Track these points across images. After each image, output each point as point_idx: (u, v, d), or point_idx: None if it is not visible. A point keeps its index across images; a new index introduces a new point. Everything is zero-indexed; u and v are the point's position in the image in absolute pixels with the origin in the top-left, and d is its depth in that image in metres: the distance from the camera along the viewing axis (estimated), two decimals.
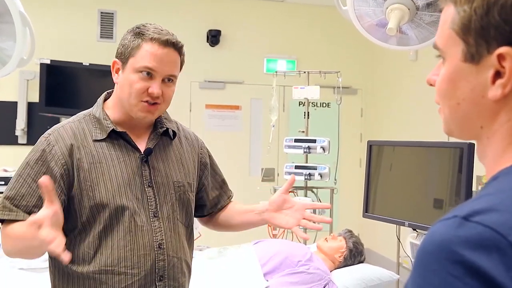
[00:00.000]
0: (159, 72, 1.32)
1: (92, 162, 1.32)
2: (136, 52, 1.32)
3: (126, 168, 1.35)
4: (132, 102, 1.33)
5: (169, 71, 1.34)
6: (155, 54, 1.31)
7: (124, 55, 1.34)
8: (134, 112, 1.35)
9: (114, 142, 1.36)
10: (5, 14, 2.17)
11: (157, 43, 1.32)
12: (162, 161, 1.42)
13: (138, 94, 1.32)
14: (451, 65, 0.66)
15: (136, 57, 1.32)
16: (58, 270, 1.36)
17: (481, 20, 0.61)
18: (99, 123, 1.37)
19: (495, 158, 0.65)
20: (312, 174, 3.43)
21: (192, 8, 5.16)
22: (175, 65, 1.36)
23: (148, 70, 1.31)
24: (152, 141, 1.41)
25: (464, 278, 0.51)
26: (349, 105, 5.32)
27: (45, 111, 4.48)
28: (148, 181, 1.37)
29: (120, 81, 1.36)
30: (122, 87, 1.35)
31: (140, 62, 1.31)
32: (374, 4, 2.12)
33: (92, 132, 1.36)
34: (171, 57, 1.34)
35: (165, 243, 1.36)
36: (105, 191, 1.31)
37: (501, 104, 0.63)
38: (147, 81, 1.32)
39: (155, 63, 1.31)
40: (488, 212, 0.54)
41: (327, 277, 2.54)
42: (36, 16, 2.70)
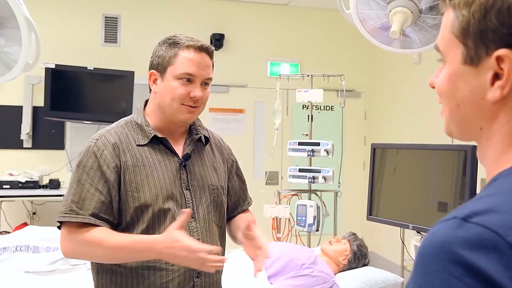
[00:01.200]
0: (198, 77, 1.42)
1: (137, 165, 1.41)
2: (174, 60, 1.41)
3: (167, 172, 1.43)
4: (174, 107, 1.42)
5: (206, 75, 1.44)
6: (193, 60, 1.41)
7: (162, 65, 1.43)
8: (176, 116, 1.43)
9: (155, 147, 1.45)
10: (11, 19, 2.19)
11: (193, 50, 1.42)
12: (198, 165, 1.50)
13: (180, 99, 1.41)
14: (451, 67, 0.68)
15: (176, 65, 1.41)
16: (101, 267, 1.43)
17: (479, 24, 0.63)
18: (141, 129, 1.46)
19: (495, 160, 0.66)
20: (316, 177, 3.43)
21: (196, 12, 5.17)
22: (210, 69, 1.46)
23: (189, 76, 1.41)
24: (188, 146, 1.50)
25: (464, 278, 0.52)
26: (353, 108, 5.32)
27: (50, 115, 4.50)
28: (186, 184, 1.45)
29: (160, 89, 1.44)
30: (163, 94, 1.43)
31: (180, 69, 1.41)
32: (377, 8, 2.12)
33: (134, 137, 1.45)
34: (206, 61, 1.44)
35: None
36: (149, 193, 1.39)
37: (500, 105, 0.64)
38: (188, 86, 1.41)
39: (194, 68, 1.41)
40: (487, 213, 0.55)
41: (331, 280, 2.54)
42: (41, 21, 2.72)
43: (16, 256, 2.75)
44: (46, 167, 4.70)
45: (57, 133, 4.79)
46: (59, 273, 2.72)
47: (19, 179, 4.36)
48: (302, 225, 3.35)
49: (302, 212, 3.35)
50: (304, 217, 3.32)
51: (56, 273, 2.72)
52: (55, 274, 2.71)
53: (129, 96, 4.60)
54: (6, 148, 4.70)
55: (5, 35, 2.27)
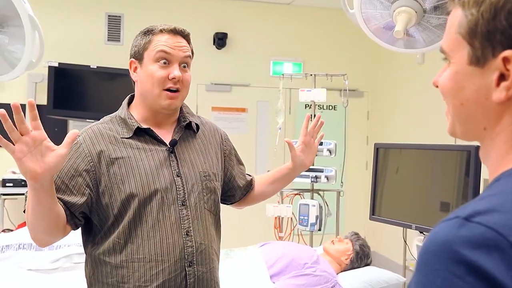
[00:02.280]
0: (174, 56, 1.42)
1: (121, 157, 1.40)
2: (149, 45, 1.42)
3: (153, 161, 1.42)
4: (155, 92, 1.41)
5: (183, 54, 1.43)
6: (166, 41, 1.42)
7: (139, 52, 1.44)
8: (158, 103, 1.42)
9: (140, 139, 1.44)
10: (14, 17, 2.19)
11: (166, 33, 1.43)
12: (188, 152, 1.49)
13: (160, 82, 1.40)
14: (456, 67, 0.68)
15: (150, 48, 1.42)
16: (92, 261, 1.42)
17: (488, 24, 0.62)
18: (125, 123, 1.45)
19: (498, 160, 0.66)
20: (319, 177, 3.43)
21: (199, 11, 5.17)
22: (187, 50, 1.45)
23: (164, 56, 1.41)
24: (177, 133, 1.49)
25: (466, 277, 0.52)
26: (356, 107, 5.31)
27: (53, 114, 4.50)
28: (176, 171, 1.44)
29: (140, 76, 1.45)
30: (143, 81, 1.43)
31: (155, 50, 1.41)
32: (381, 7, 2.12)
33: (119, 131, 1.44)
34: (182, 42, 1.44)
35: (192, 230, 1.41)
36: (134, 183, 1.38)
37: (505, 106, 0.64)
38: (166, 68, 1.41)
39: (169, 48, 1.41)
40: (490, 213, 0.56)
41: (333, 279, 2.54)
42: (44, 19, 2.72)
43: (19, 254, 2.76)
44: None
45: (60, 131, 4.79)
46: (61, 271, 2.72)
47: (22, 177, 4.36)
48: (304, 224, 3.35)
49: (305, 212, 3.35)
50: (307, 217, 3.32)
51: (59, 271, 2.72)
52: (58, 272, 2.71)
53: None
54: None
55: (8, 33, 2.28)
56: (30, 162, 1.13)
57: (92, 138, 1.41)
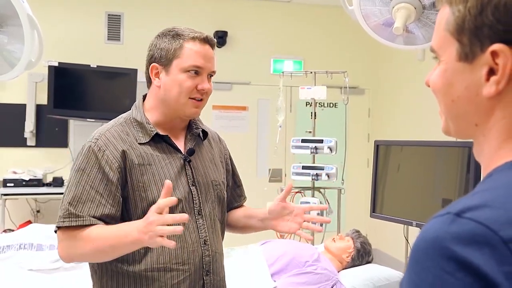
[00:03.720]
0: (205, 69, 1.39)
1: (143, 164, 1.37)
2: (180, 52, 1.38)
3: (172, 169, 1.40)
4: (181, 101, 1.38)
5: (212, 67, 1.42)
6: (199, 52, 1.39)
7: (166, 58, 1.38)
8: (183, 111, 1.40)
9: (157, 145, 1.41)
10: (13, 17, 2.19)
11: (198, 41, 1.40)
12: (200, 161, 1.47)
13: (188, 92, 1.38)
14: (446, 64, 0.68)
15: (182, 57, 1.37)
16: (105, 270, 1.38)
17: (475, 20, 0.63)
18: (141, 127, 1.40)
19: (490, 155, 0.66)
20: (319, 175, 3.42)
21: (199, 9, 5.17)
22: (214, 61, 1.44)
23: (197, 69, 1.38)
24: (190, 141, 1.47)
25: (456, 273, 0.52)
26: (356, 105, 5.30)
27: (54, 113, 4.50)
28: (191, 181, 1.42)
29: (165, 83, 1.39)
30: (169, 88, 1.39)
31: (187, 62, 1.37)
32: (380, 4, 2.11)
33: (135, 135, 1.39)
34: (211, 53, 1.42)
35: (209, 240, 1.41)
36: (156, 192, 1.35)
37: (496, 101, 0.64)
38: (195, 78, 1.38)
39: (202, 60, 1.38)
40: (480, 208, 0.56)
41: (334, 277, 2.54)
42: (44, 19, 2.72)
43: (20, 254, 2.76)
44: (50, 165, 4.71)
45: (61, 131, 4.80)
46: (62, 271, 2.72)
47: (23, 177, 4.37)
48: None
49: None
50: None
51: (60, 271, 2.72)
52: (59, 272, 2.71)
53: (132, 94, 4.60)
54: (10, 146, 4.72)
55: (7, 33, 2.27)
56: None
57: (113, 142, 1.35)
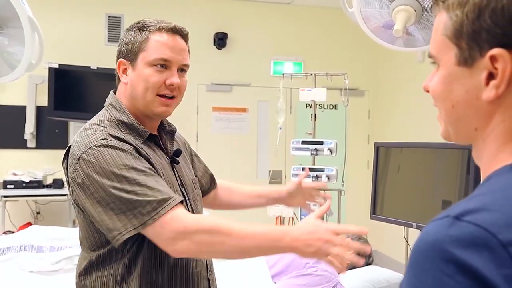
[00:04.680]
0: (174, 62, 1.27)
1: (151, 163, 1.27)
2: (145, 45, 1.26)
3: (165, 170, 1.30)
4: (148, 98, 1.26)
5: (183, 60, 1.29)
6: (166, 44, 1.26)
7: (132, 52, 1.28)
8: (151, 109, 1.28)
9: (149, 146, 1.30)
10: (14, 19, 2.19)
11: (165, 32, 1.27)
12: (180, 161, 1.39)
13: (155, 88, 1.25)
14: (445, 69, 0.68)
15: (147, 50, 1.26)
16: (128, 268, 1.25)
17: (473, 24, 0.63)
18: (131, 129, 1.28)
19: (489, 159, 0.67)
20: (320, 176, 3.42)
21: (199, 11, 5.17)
22: (186, 54, 1.31)
23: (163, 62, 1.26)
24: (169, 141, 1.38)
25: (456, 276, 0.52)
26: (356, 107, 5.31)
27: (54, 115, 4.51)
28: (180, 182, 1.34)
29: (132, 79, 1.28)
30: (135, 84, 1.27)
31: (153, 55, 1.25)
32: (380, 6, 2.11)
33: (126, 138, 1.25)
34: (181, 45, 1.29)
35: None
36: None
37: (495, 105, 0.64)
38: (163, 73, 1.26)
39: (169, 52, 1.26)
40: (479, 212, 0.56)
41: (335, 279, 2.53)
42: (44, 21, 2.72)
43: (20, 256, 2.76)
44: (50, 167, 4.71)
45: (61, 132, 4.80)
46: (63, 273, 2.72)
47: (23, 179, 4.37)
48: None
49: (306, 211, 3.34)
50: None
51: (60, 273, 2.72)
52: (59, 274, 2.71)
53: None
54: (10, 148, 4.72)
55: (8, 35, 2.28)
56: None
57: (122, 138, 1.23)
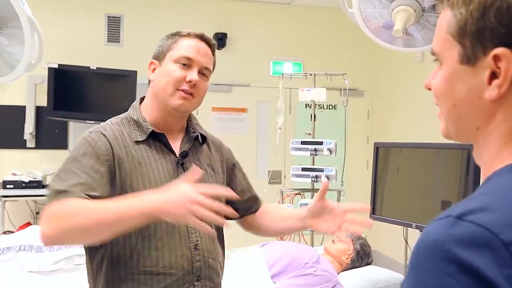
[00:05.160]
0: (196, 62, 1.40)
1: (132, 163, 1.34)
2: (174, 46, 1.41)
3: (163, 170, 1.37)
4: (168, 91, 1.38)
5: (205, 63, 1.42)
6: (192, 45, 1.41)
7: (162, 52, 1.42)
8: (170, 102, 1.38)
9: (152, 144, 1.40)
10: (13, 19, 2.19)
11: (193, 36, 1.43)
12: (196, 164, 1.43)
13: (176, 82, 1.37)
14: (448, 67, 0.68)
15: (175, 49, 1.40)
16: (97, 272, 1.34)
17: (477, 22, 0.62)
18: (138, 125, 1.41)
19: (490, 159, 0.66)
20: (319, 176, 3.43)
21: (198, 11, 5.17)
22: (210, 59, 1.44)
23: (186, 60, 1.39)
24: (186, 144, 1.45)
25: (457, 276, 0.52)
26: (356, 107, 5.31)
27: (53, 115, 4.50)
28: None
29: (157, 74, 1.41)
30: (159, 79, 1.40)
31: (178, 53, 1.39)
32: (380, 6, 2.12)
33: (131, 134, 1.39)
34: (206, 50, 1.43)
35: (200, 244, 1.38)
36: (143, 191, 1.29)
37: (497, 104, 0.64)
38: (185, 70, 1.39)
39: (193, 52, 1.40)
40: (481, 212, 0.56)
41: (334, 279, 2.54)
42: (44, 21, 2.72)
43: (20, 256, 2.76)
44: (50, 167, 4.71)
45: (60, 132, 4.80)
46: (62, 273, 2.72)
47: (23, 179, 4.37)
48: None
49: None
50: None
51: (60, 273, 2.72)
52: (59, 274, 2.71)
53: (132, 96, 4.59)
54: (10, 148, 4.72)
55: (8, 35, 2.28)
56: None
57: (107, 136, 1.34)
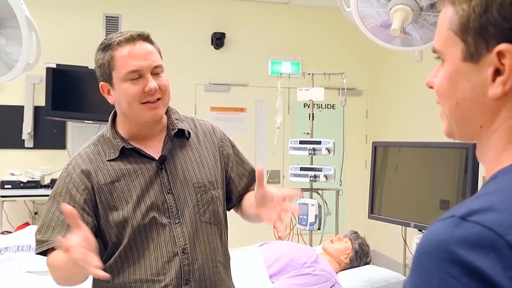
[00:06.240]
0: (144, 69, 1.31)
1: (111, 182, 1.35)
2: (113, 63, 1.32)
3: (144, 180, 1.36)
4: (134, 109, 1.33)
5: (152, 63, 1.32)
6: (129, 55, 1.30)
7: (106, 73, 1.34)
8: (141, 117, 1.35)
9: (129, 158, 1.38)
10: (11, 19, 2.19)
11: (125, 44, 1.31)
12: (180, 164, 1.41)
13: (136, 98, 1.31)
14: (450, 65, 0.66)
15: (117, 68, 1.32)
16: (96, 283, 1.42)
17: (480, 18, 0.61)
18: (111, 143, 1.39)
19: (494, 158, 0.65)
20: (318, 176, 3.43)
21: (197, 11, 5.17)
22: (154, 55, 1.34)
23: (134, 74, 1.31)
24: (166, 145, 1.41)
25: (462, 278, 0.51)
26: (354, 106, 5.31)
27: (51, 115, 4.50)
28: (167, 188, 1.37)
29: (116, 98, 1.36)
30: (120, 101, 1.35)
31: (122, 70, 1.31)
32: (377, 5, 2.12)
33: (106, 152, 1.38)
34: (145, 49, 1.33)
35: (189, 247, 1.37)
36: (126, 208, 1.34)
37: (501, 102, 0.62)
38: (138, 82, 1.31)
39: (135, 62, 1.30)
40: (486, 212, 0.54)
41: (333, 278, 2.54)
42: (42, 21, 2.72)
43: (18, 256, 2.75)
44: (48, 167, 4.70)
45: (59, 132, 4.80)
46: None
47: (21, 179, 4.37)
48: (303, 224, 3.35)
49: (304, 211, 3.34)
50: (306, 216, 3.32)
51: None
52: None
53: None
54: (8, 148, 4.71)
55: (5, 35, 2.28)
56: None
57: (81, 165, 1.36)
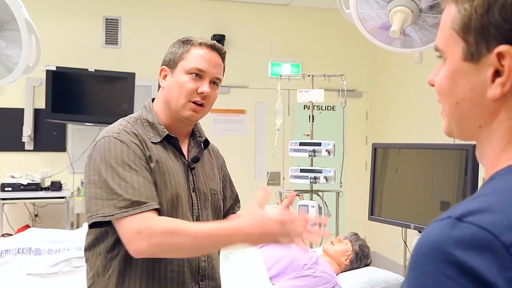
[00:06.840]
0: (207, 73, 1.42)
1: (156, 161, 1.38)
2: (186, 55, 1.43)
3: (178, 172, 1.42)
4: (180, 102, 1.41)
5: (216, 73, 1.44)
6: (204, 57, 1.43)
7: (174, 60, 1.44)
8: (181, 112, 1.42)
9: (166, 147, 1.43)
10: (11, 21, 2.19)
11: (205, 47, 1.44)
12: (201, 169, 1.50)
13: (188, 94, 1.40)
14: (451, 64, 0.66)
15: (187, 59, 1.42)
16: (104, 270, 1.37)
17: (481, 18, 0.61)
18: (152, 127, 1.43)
19: (493, 158, 0.65)
20: (318, 178, 3.42)
21: (196, 13, 5.18)
22: (220, 69, 1.47)
23: (198, 72, 1.41)
24: (194, 149, 1.50)
25: (457, 278, 0.51)
26: (354, 108, 5.31)
27: (52, 118, 4.50)
28: (193, 187, 1.45)
29: (169, 83, 1.44)
30: (171, 88, 1.43)
31: (190, 64, 1.41)
32: (377, 7, 2.12)
33: (148, 134, 1.42)
34: (217, 60, 1.46)
35: None
36: (164, 191, 1.36)
37: (501, 103, 0.62)
38: (197, 81, 1.41)
39: (205, 64, 1.42)
40: (482, 213, 0.54)
41: (333, 280, 2.53)
42: (41, 23, 2.72)
43: (18, 259, 2.75)
44: (48, 169, 4.71)
45: (59, 135, 4.80)
46: (61, 275, 2.71)
47: (21, 182, 4.37)
48: None
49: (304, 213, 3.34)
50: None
51: (58, 275, 2.72)
52: (57, 276, 2.70)
53: (130, 98, 4.60)
54: (8, 150, 4.71)
55: (5, 37, 2.28)
56: None
57: (135, 136, 1.38)
